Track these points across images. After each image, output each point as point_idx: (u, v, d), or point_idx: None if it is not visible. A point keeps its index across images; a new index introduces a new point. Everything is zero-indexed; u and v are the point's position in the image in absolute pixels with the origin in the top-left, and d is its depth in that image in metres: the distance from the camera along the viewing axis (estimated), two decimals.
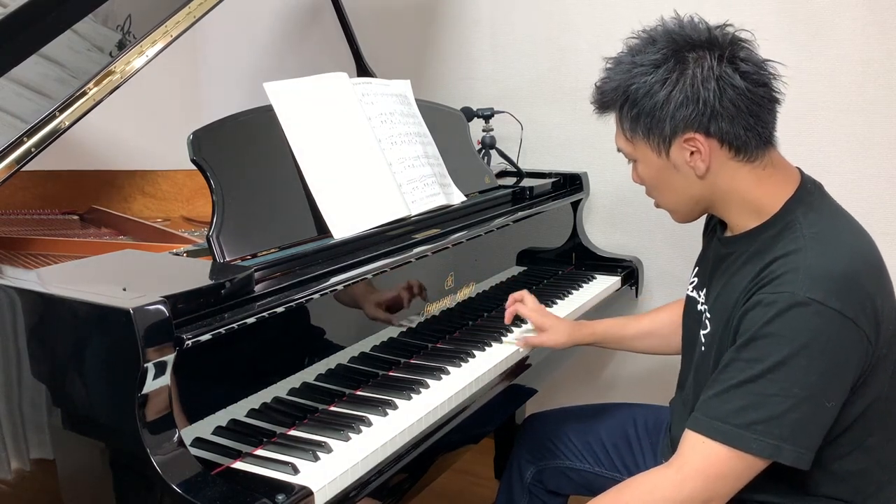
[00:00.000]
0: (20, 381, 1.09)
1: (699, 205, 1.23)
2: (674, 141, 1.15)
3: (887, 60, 1.85)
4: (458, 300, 1.62)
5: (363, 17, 2.41)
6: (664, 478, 1.11)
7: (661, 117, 1.14)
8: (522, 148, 2.23)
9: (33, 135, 1.33)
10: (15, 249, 1.60)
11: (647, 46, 1.16)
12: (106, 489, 1.04)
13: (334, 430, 1.19)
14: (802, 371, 1.04)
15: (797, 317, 1.05)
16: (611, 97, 1.20)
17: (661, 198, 1.26)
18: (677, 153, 1.16)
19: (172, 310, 0.99)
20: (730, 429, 1.07)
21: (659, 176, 1.21)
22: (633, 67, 1.16)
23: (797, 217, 1.15)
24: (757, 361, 1.07)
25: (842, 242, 1.13)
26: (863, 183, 1.92)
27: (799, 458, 1.06)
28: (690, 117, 1.12)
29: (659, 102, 1.13)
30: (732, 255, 1.22)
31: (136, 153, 2.50)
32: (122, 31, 1.56)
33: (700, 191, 1.19)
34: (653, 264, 2.21)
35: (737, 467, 1.07)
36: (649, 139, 1.17)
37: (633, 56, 1.17)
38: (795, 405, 1.05)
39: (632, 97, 1.16)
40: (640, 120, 1.16)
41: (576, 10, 2.22)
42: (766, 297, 1.08)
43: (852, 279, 1.07)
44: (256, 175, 1.34)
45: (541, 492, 1.63)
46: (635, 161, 1.24)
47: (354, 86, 1.57)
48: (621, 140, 1.23)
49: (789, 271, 1.08)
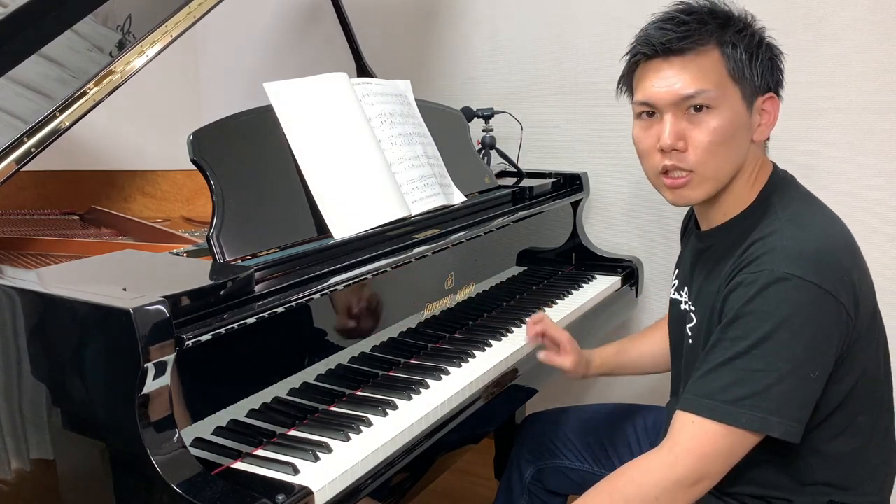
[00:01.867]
0: (20, 381, 1.09)
1: (729, 177, 1.19)
2: (762, 97, 1.18)
3: (887, 60, 1.85)
4: (458, 300, 1.62)
5: (363, 17, 2.41)
6: (656, 460, 1.12)
7: (773, 65, 1.19)
8: (522, 148, 2.23)
9: (33, 135, 1.33)
10: (15, 249, 1.60)
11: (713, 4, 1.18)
12: (106, 489, 1.03)
13: (334, 430, 1.19)
14: (785, 344, 1.07)
15: (777, 292, 1.07)
16: (725, 18, 1.16)
17: (717, 159, 1.16)
18: (756, 111, 1.19)
19: (172, 310, 0.99)
20: (718, 405, 1.08)
21: (735, 132, 1.15)
22: (732, 11, 1.18)
23: (772, 203, 1.19)
24: (741, 339, 1.09)
25: (816, 223, 1.16)
26: (863, 183, 1.92)
27: (788, 430, 1.08)
28: (782, 77, 1.20)
29: (774, 51, 1.19)
30: (712, 247, 1.25)
31: (136, 153, 2.50)
32: (122, 31, 1.56)
33: (743, 160, 1.19)
34: (653, 264, 2.21)
35: (728, 444, 1.08)
36: (743, 83, 1.15)
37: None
38: (781, 378, 1.07)
39: (749, 27, 1.17)
40: (756, 58, 1.16)
41: (576, 10, 2.22)
42: (746, 277, 1.11)
43: (829, 255, 1.10)
44: (256, 175, 1.34)
45: (540, 491, 1.63)
46: (709, 108, 1.14)
47: (354, 86, 1.57)
48: (702, 77, 1.14)
49: (767, 251, 1.11)
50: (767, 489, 1.21)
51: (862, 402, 1.18)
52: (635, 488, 1.11)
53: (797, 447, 1.14)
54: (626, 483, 1.12)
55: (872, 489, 1.22)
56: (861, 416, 1.18)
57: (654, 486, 1.09)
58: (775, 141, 1.31)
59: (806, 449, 1.16)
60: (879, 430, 1.22)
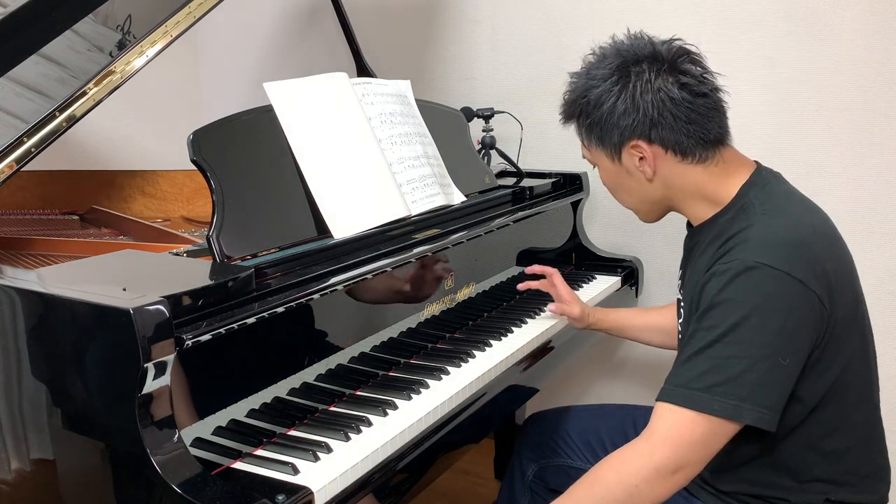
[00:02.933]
0: (20, 381, 1.09)
1: (657, 205, 1.32)
2: (623, 148, 1.25)
3: (887, 60, 1.85)
4: (458, 300, 1.62)
5: (363, 17, 2.41)
6: (635, 450, 1.14)
7: (608, 126, 1.24)
8: (522, 148, 2.23)
9: (33, 135, 1.33)
10: (15, 249, 1.60)
11: (599, 62, 1.27)
12: (106, 489, 1.04)
13: (334, 430, 1.19)
14: (757, 331, 1.09)
15: (748, 280, 1.11)
16: (570, 109, 1.32)
17: (622, 199, 1.36)
18: (627, 159, 1.26)
19: (172, 310, 0.99)
20: (692, 393, 1.11)
21: (616, 180, 1.32)
22: (587, 81, 1.27)
23: (750, 199, 1.22)
24: (714, 328, 1.12)
25: (790, 214, 1.20)
26: (863, 183, 1.92)
27: (759, 417, 1.09)
28: (633, 126, 1.22)
29: (605, 113, 1.24)
30: (698, 244, 1.28)
31: (136, 153, 2.50)
32: (122, 31, 1.56)
33: (654, 192, 1.29)
34: (653, 264, 2.21)
35: (704, 431, 1.10)
36: (602, 146, 1.28)
37: (588, 71, 1.28)
38: (752, 365, 1.09)
39: (584, 109, 1.27)
40: (593, 129, 1.27)
41: (576, 10, 2.22)
42: (719, 267, 1.15)
43: (799, 244, 1.14)
44: (256, 175, 1.34)
45: (542, 490, 1.63)
46: (595, 165, 1.35)
47: (354, 86, 1.57)
48: (582, 148, 1.35)
49: (740, 243, 1.16)
50: (765, 488, 1.22)
51: (854, 397, 1.19)
52: (615, 476, 1.13)
53: (793, 444, 1.16)
54: (606, 471, 1.15)
55: (869, 486, 1.23)
56: (856, 414, 1.20)
57: (633, 475, 1.11)
58: (776, 141, 1.31)
59: (802, 446, 1.17)
60: (875, 426, 1.24)
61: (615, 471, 1.14)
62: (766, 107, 1.99)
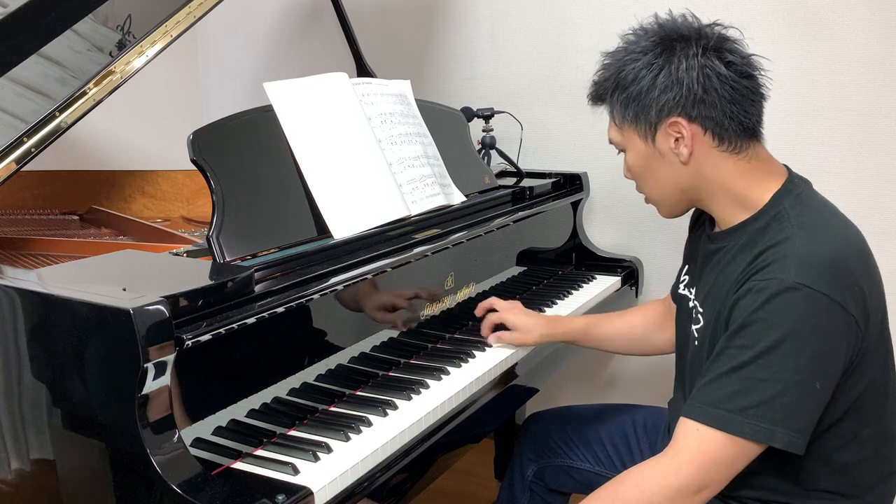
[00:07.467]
0: (20, 382, 1.09)
1: (685, 195, 1.25)
2: (659, 126, 1.19)
3: (887, 60, 1.85)
4: (458, 300, 1.62)
5: (363, 17, 2.41)
6: (660, 467, 1.11)
7: (647, 102, 1.18)
8: (522, 148, 2.23)
9: (33, 135, 1.33)
10: (15, 249, 1.60)
11: (639, 37, 1.21)
12: (106, 489, 1.04)
13: (334, 430, 1.19)
14: (792, 355, 1.06)
15: (786, 302, 1.06)
16: (603, 87, 1.24)
17: (648, 188, 1.28)
18: (663, 140, 1.19)
19: (172, 310, 0.99)
20: (723, 414, 1.08)
21: (647, 165, 1.24)
22: (624, 56, 1.20)
23: (785, 208, 1.16)
24: (748, 347, 1.08)
25: (829, 231, 1.15)
26: (863, 183, 1.92)
27: (791, 441, 1.07)
28: (674, 101, 1.16)
29: (645, 87, 1.17)
30: (722, 249, 1.23)
31: (136, 153, 2.50)
32: (122, 31, 1.56)
33: (685, 180, 1.22)
34: (653, 264, 2.21)
35: (731, 453, 1.08)
36: (637, 125, 1.21)
37: (626, 46, 1.22)
38: (786, 389, 1.06)
39: (621, 83, 1.20)
40: (629, 105, 1.20)
41: (576, 10, 2.22)
42: (756, 284, 1.10)
43: (840, 265, 1.09)
44: (256, 175, 1.34)
45: (542, 490, 1.63)
46: (625, 151, 1.27)
47: (354, 86, 1.57)
48: (612, 130, 1.27)
49: (778, 259, 1.10)
50: (771, 494, 1.20)
51: (870, 411, 1.17)
52: (637, 493, 1.11)
53: (806, 457, 1.13)
54: (628, 488, 1.12)
55: (876, 498, 1.21)
56: (867, 429, 1.17)
57: (656, 493, 1.09)
58: (776, 141, 1.31)
59: (813, 457, 1.14)
60: (886, 439, 1.21)
61: (639, 489, 1.11)
62: (766, 107, 1.99)
